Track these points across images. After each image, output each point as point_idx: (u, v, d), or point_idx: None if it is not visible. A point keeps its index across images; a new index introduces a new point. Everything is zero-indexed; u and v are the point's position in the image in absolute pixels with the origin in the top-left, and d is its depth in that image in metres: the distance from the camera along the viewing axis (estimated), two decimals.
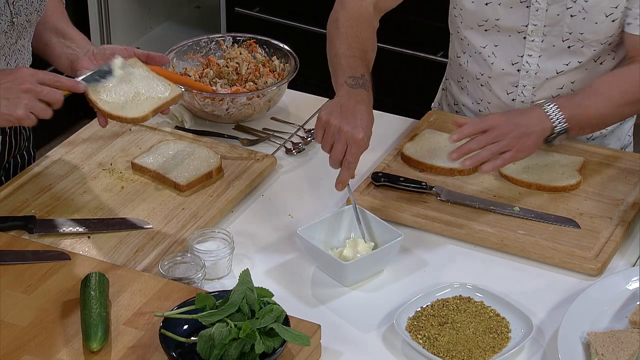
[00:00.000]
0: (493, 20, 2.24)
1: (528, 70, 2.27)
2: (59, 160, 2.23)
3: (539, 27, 2.21)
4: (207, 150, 2.23)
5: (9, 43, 2.07)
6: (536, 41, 2.23)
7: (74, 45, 2.12)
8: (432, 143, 2.27)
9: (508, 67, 2.29)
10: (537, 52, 2.24)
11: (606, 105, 2.11)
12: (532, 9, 2.19)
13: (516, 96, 2.31)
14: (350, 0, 2.27)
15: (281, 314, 1.71)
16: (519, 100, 2.31)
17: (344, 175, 2.00)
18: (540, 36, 2.22)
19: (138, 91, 1.98)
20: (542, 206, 2.11)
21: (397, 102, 3.09)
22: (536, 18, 2.20)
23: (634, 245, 2.04)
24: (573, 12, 2.17)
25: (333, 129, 2.00)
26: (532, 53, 2.25)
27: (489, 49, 2.29)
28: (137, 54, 2.06)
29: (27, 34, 2.11)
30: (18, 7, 2.05)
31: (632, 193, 2.14)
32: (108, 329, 1.75)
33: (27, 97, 1.88)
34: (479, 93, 2.37)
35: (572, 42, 2.21)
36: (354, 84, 2.09)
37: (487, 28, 2.27)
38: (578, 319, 1.81)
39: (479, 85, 2.35)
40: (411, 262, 2.00)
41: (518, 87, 2.30)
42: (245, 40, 2.51)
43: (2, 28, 2.03)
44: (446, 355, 1.77)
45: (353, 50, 2.19)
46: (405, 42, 3.62)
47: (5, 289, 1.85)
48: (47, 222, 2.04)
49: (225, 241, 1.97)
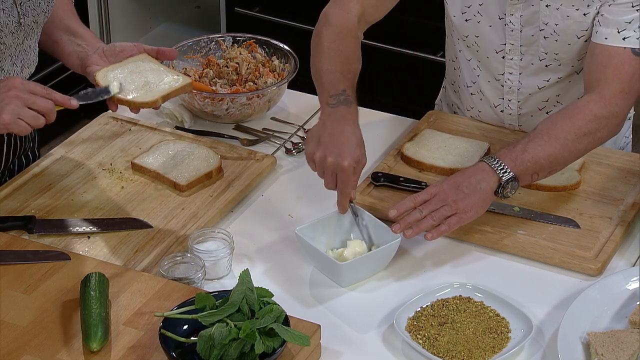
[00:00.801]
0: (473, 37, 2.25)
1: (511, 86, 2.28)
2: (59, 160, 2.23)
3: (516, 46, 2.21)
4: (207, 150, 2.23)
5: (16, 43, 2.07)
6: (515, 59, 2.23)
7: (84, 44, 2.12)
8: (432, 143, 2.27)
9: (493, 82, 2.30)
10: (517, 69, 2.25)
11: (554, 145, 2.02)
12: (507, 28, 2.19)
13: (504, 108, 2.32)
14: (334, 14, 2.22)
15: (281, 314, 1.71)
16: (507, 113, 2.32)
17: (341, 200, 1.99)
18: (519, 54, 2.22)
19: (148, 80, 1.99)
20: (542, 206, 2.11)
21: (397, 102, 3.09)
22: (512, 38, 2.20)
23: (634, 245, 2.04)
24: (545, 34, 2.16)
25: (319, 160, 1.98)
26: (513, 71, 2.25)
27: (474, 62, 2.31)
28: (146, 50, 2.06)
29: (33, 35, 2.11)
30: (25, 8, 2.05)
31: (632, 193, 2.14)
32: (108, 329, 1.75)
33: (13, 102, 1.86)
34: (469, 101, 2.37)
35: (549, 62, 2.21)
36: (335, 103, 2.06)
37: (468, 44, 2.28)
38: (578, 319, 1.81)
39: (470, 93, 2.36)
40: (411, 262, 2.00)
41: (504, 100, 2.31)
42: (245, 40, 2.51)
43: (10, 29, 2.03)
44: (446, 355, 1.77)
45: (335, 64, 2.14)
46: (405, 42, 3.62)
47: (5, 289, 1.85)
48: (47, 222, 2.04)
49: (225, 241, 1.97)
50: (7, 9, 2.02)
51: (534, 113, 2.31)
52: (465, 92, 2.37)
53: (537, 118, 2.28)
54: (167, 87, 1.99)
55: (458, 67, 2.36)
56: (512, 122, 2.33)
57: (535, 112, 2.30)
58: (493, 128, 2.33)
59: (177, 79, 2.01)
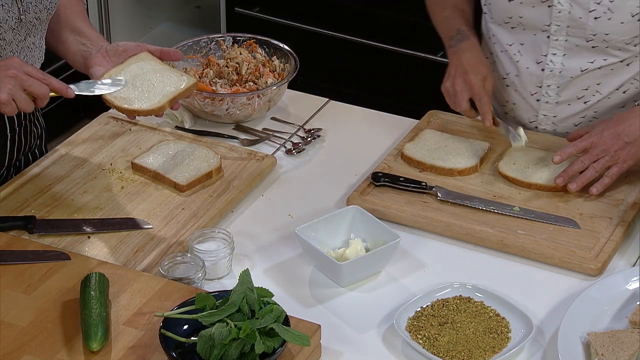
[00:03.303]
0: (517, 18, 2.25)
1: (552, 69, 2.26)
2: (59, 160, 2.23)
3: (562, 27, 2.21)
4: (207, 150, 2.23)
5: (17, 40, 2.07)
6: (560, 40, 2.23)
7: (89, 43, 2.12)
8: (432, 143, 2.27)
9: (533, 66, 2.29)
10: (562, 50, 2.24)
11: None
12: (554, 10, 2.19)
13: (541, 97, 2.31)
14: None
15: (281, 314, 1.71)
16: (544, 101, 2.31)
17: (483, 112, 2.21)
18: (564, 35, 2.22)
19: (152, 83, 1.99)
20: (542, 206, 2.11)
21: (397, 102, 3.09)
22: (558, 19, 2.20)
23: (634, 245, 2.04)
24: (597, 14, 2.16)
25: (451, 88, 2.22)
26: (556, 52, 2.24)
27: (515, 47, 2.30)
28: (150, 50, 2.06)
29: (37, 32, 2.11)
30: (26, 4, 2.05)
31: (632, 193, 2.14)
32: (108, 329, 1.75)
33: (11, 82, 1.87)
34: (504, 94, 2.37)
35: (596, 43, 2.20)
36: (455, 43, 2.29)
37: (513, 25, 2.28)
38: (578, 319, 1.81)
39: (505, 85, 2.36)
40: (411, 262, 2.00)
41: (542, 87, 2.30)
42: (245, 40, 2.51)
43: (9, 25, 2.03)
44: (446, 355, 1.77)
45: (443, 11, 2.37)
46: (405, 42, 3.62)
47: (5, 289, 1.85)
48: (47, 222, 2.04)
49: (225, 241, 1.97)
50: (7, 4, 2.01)
51: (572, 102, 2.29)
52: (499, 86, 2.37)
53: (575, 107, 2.28)
54: (172, 90, 1.99)
55: (493, 62, 2.37)
56: (547, 111, 2.31)
57: (573, 100, 2.28)
58: (493, 128, 2.33)
59: (182, 79, 2.00)
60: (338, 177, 2.23)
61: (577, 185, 2.09)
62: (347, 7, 3.67)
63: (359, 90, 3.65)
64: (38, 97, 1.90)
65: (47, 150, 2.33)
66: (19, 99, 1.88)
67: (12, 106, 1.88)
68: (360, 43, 3.66)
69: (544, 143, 2.29)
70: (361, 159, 2.28)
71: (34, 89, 1.89)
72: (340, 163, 2.27)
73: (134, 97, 1.97)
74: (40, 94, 1.89)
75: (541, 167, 2.19)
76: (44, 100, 1.90)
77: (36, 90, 1.89)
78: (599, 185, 2.09)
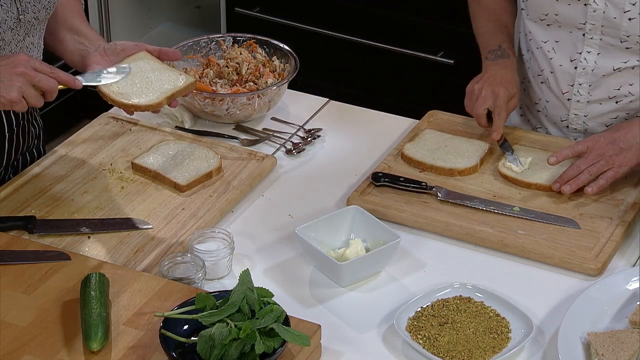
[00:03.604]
0: (553, 15, 2.25)
1: (585, 67, 2.25)
2: (59, 160, 2.23)
3: (597, 26, 2.20)
4: (207, 150, 2.23)
5: (16, 40, 2.07)
6: (595, 39, 2.22)
7: (87, 42, 2.13)
8: (432, 143, 2.27)
9: (566, 64, 2.28)
10: (596, 49, 2.23)
11: None
12: (589, 8, 2.19)
13: (572, 95, 2.30)
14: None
15: (281, 314, 1.71)
16: (575, 100, 2.30)
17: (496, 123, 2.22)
18: (599, 34, 2.21)
19: (150, 80, 1.99)
20: (542, 206, 2.11)
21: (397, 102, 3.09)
22: (593, 18, 2.19)
23: (634, 245, 2.04)
24: (632, 15, 2.15)
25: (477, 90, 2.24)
26: (591, 50, 2.24)
27: (550, 44, 2.30)
28: (148, 50, 2.06)
29: (35, 32, 2.11)
30: (25, 4, 2.05)
31: (632, 193, 2.14)
32: (108, 329, 1.75)
33: (20, 80, 1.87)
34: (537, 92, 2.38)
35: (630, 44, 2.19)
36: (493, 57, 2.32)
37: (548, 22, 2.27)
38: (578, 319, 1.81)
39: (539, 82, 2.36)
40: (411, 262, 2.00)
41: (574, 85, 2.29)
42: (245, 40, 2.51)
43: (8, 25, 2.03)
44: (446, 355, 1.77)
45: (486, 24, 2.39)
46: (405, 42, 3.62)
47: (5, 289, 1.85)
48: (47, 222, 2.04)
49: (225, 241, 1.97)
50: (6, 4, 2.02)
51: (604, 101, 2.28)
52: (533, 84, 2.38)
53: (606, 106, 2.27)
54: (171, 87, 1.99)
55: (528, 59, 2.38)
56: (579, 110, 2.31)
57: (605, 100, 2.27)
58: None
59: (180, 77, 2.01)
60: (338, 177, 2.23)
61: (571, 188, 2.11)
62: (347, 7, 3.67)
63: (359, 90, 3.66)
64: (47, 91, 1.90)
65: (45, 150, 2.34)
66: (28, 95, 1.88)
67: (22, 103, 1.89)
68: (360, 43, 3.66)
69: (543, 143, 2.29)
70: (361, 159, 2.28)
71: (42, 84, 1.89)
72: (340, 163, 2.27)
73: (132, 92, 1.97)
74: (49, 88, 1.90)
75: (541, 168, 2.19)
76: (53, 94, 1.91)
77: (45, 85, 1.89)
78: (594, 186, 2.09)
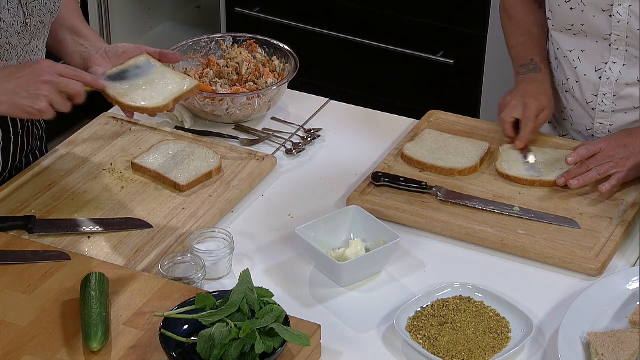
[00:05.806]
0: (579, 25, 2.25)
1: (609, 77, 2.25)
2: (59, 160, 2.23)
3: (622, 37, 2.20)
4: (207, 150, 2.23)
5: (22, 44, 2.07)
6: (620, 50, 2.22)
7: (88, 44, 2.13)
8: (432, 143, 2.27)
9: (591, 74, 2.28)
10: (622, 59, 2.23)
11: None
12: (613, 19, 2.19)
13: (596, 105, 2.30)
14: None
15: (281, 314, 1.71)
16: (600, 109, 2.30)
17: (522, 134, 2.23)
18: (624, 45, 2.21)
19: (156, 83, 1.99)
20: (542, 206, 2.11)
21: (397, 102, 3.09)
22: (618, 29, 2.19)
23: (634, 245, 2.04)
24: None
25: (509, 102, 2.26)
26: (617, 60, 2.24)
27: (576, 53, 2.30)
28: (149, 52, 2.06)
29: (40, 35, 2.11)
30: (31, 8, 2.05)
31: (632, 193, 2.14)
32: (108, 329, 1.75)
33: (47, 88, 1.87)
34: (563, 101, 2.38)
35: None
36: (525, 71, 2.34)
37: (575, 32, 2.27)
38: (578, 319, 1.81)
39: (564, 91, 2.36)
40: (411, 262, 2.01)
41: (598, 95, 2.29)
42: (245, 40, 2.51)
43: (15, 29, 2.03)
44: (446, 355, 1.77)
45: (517, 38, 2.41)
46: (405, 42, 3.62)
47: (5, 289, 1.85)
48: (47, 222, 2.04)
49: (225, 241, 1.97)
50: (13, 9, 2.02)
51: (629, 111, 2.28)
52: (559, 92, 2.38)
53: (631, 116, 2.27)
54: (176, 90, 1.99)
55: (555, 68, 2.38)
56: (604, 120, 2.31)
57: (630, 109, 2.27)
58: (493, 128, 2.33)
59: (185, 81, 2.01)
60: (338, 177, 2.23)
61: (579, 182, 2.12)
62: (347, 7, 3.67)
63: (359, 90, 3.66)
64: (74, 95, 1.90)
65: (48, 150, 2.34)
66: (56, 102, 1.88)
67: (51, 112, 1.88)
68: (360, 43, 3.66)
69: (543, 143, 2.29)
70: (361, 159, 2.28)
71: (69, 89, 1.89)
72: (340, 163, 2.27)
73: (137, 96, 1.97)
74: (76, 92, 1.89)
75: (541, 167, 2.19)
76: (81, 97, 1.91)
77: (72, 90, 1.89)
78: (607, 185, 2.10)
